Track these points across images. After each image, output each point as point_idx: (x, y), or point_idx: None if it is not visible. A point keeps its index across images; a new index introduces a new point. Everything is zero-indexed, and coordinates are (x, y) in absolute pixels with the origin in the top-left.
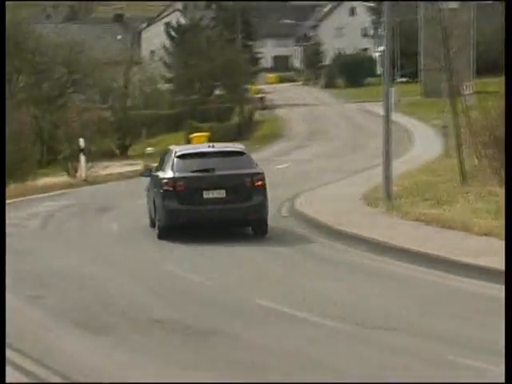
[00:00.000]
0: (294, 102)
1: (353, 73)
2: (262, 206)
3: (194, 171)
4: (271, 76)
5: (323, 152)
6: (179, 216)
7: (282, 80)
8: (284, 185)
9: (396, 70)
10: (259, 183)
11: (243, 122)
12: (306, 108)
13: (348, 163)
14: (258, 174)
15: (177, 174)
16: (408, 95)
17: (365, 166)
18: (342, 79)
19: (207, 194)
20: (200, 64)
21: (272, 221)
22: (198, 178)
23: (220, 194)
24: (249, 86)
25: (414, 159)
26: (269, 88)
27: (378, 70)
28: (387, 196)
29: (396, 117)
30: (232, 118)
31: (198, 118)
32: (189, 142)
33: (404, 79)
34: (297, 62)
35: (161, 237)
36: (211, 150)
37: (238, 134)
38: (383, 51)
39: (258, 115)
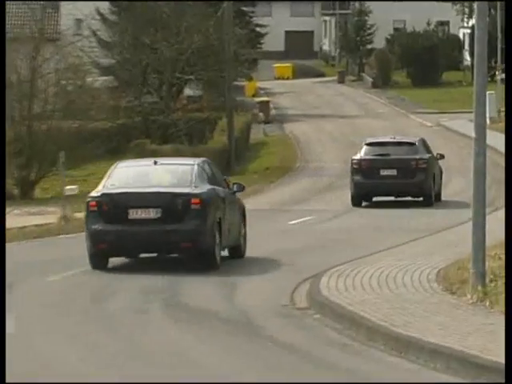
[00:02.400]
0: (321, 112)
1: (423, 63)
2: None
3: None
4: (282, 66)
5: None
6: None
7: (300, 73)
8: (303, 253)
9: (496, 59)
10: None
11: (232, 145)
12: (342, 122)
13: (416, 218)
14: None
15: None
16: None
17: (444, 224)
18: (405, 73)
19: None
20: (160, 44)
21: (277, 316)
22: None
23: None
24: (244, 83)
25: None
26: (278, 86)
27: (467, 60)
28: (479, 276)
29: (496, 139)
30: (214, 136)
31: (155, 135)
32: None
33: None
34: (326, 44)
35: None
36: None
37: (221, 166)
38: (474, 28)
39: (257, 133)
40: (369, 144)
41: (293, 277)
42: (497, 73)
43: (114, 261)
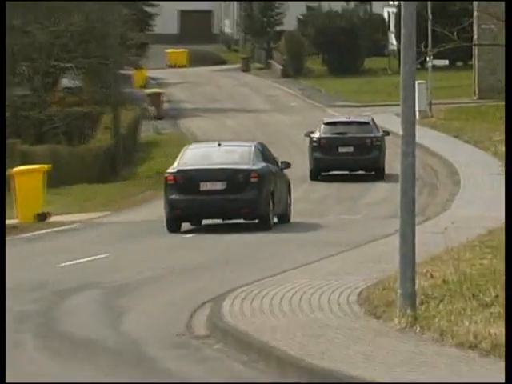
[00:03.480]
0: (222, 106)
1: (341, 48)
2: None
3: None
4: (176, 52)
5: None
6: None
7: (197, 60)
8: (201, 272)
9: (426, 44)
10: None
11: (118, 145)
12: (247, 117)
13: (335, 229)
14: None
15: None
16: (451, 95)
17: (367, 236)
18: (321, 60)
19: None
20: (32, 27)
21: (171, 347)
22: None
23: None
24: (131, 72)
25: (461, 224)
26: (171, 75)
27: (392, 44)
28: (408, 297)
29: (426, 137)
30: (97, 134)
31: (27, 134)
32: (5, 184)
33: (443, 62)
34: (228, 26)
35: None
36: None
37: (105, 170)
38: (400, 6)
39: (147, 131)
40: (327, 123)
41: (189, 300)
42: (427, 59)
43: None
